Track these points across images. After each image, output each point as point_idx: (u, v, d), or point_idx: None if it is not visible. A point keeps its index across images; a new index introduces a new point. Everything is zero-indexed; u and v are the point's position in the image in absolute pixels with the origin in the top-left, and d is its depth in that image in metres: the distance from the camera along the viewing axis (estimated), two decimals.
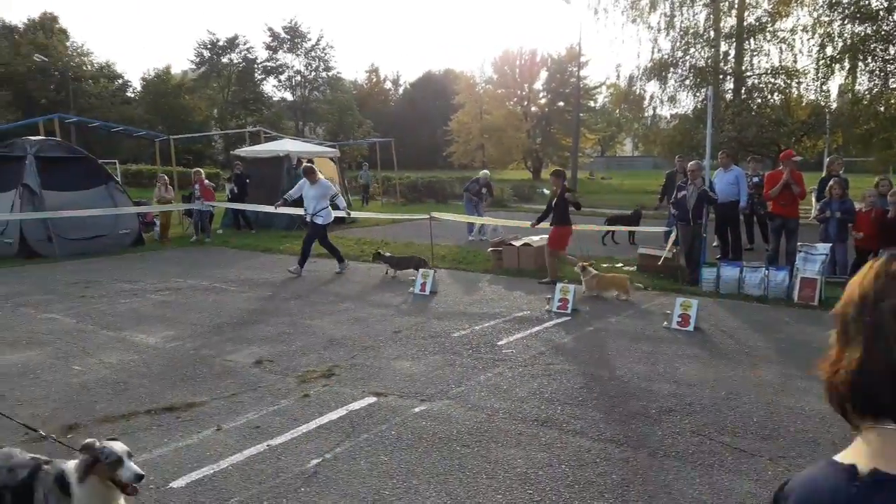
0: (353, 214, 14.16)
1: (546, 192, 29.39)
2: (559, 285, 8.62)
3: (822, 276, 8.87)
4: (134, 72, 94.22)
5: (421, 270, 9.88)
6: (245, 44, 62.38)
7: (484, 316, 8.19)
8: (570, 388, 5.62)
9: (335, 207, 11.54)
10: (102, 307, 8.72)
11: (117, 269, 11.65)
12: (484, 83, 54.62)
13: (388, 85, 75.04)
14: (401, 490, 3.91)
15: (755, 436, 4.64)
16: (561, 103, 51.73)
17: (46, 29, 53.90)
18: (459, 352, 6.67)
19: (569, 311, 8.24)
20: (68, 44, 55.62)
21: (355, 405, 5.24)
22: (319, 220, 11.05)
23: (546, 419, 4.95)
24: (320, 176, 11.30)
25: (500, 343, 6.97)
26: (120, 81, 57.65)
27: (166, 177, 16.55)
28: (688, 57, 23.63)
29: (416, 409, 5.14)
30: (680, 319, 7.58)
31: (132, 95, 57.92)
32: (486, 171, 17.58)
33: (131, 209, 14.64)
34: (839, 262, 10.02)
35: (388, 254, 11.31)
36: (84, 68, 55.04)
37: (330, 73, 66.03)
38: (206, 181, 15.93)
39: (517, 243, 11.40)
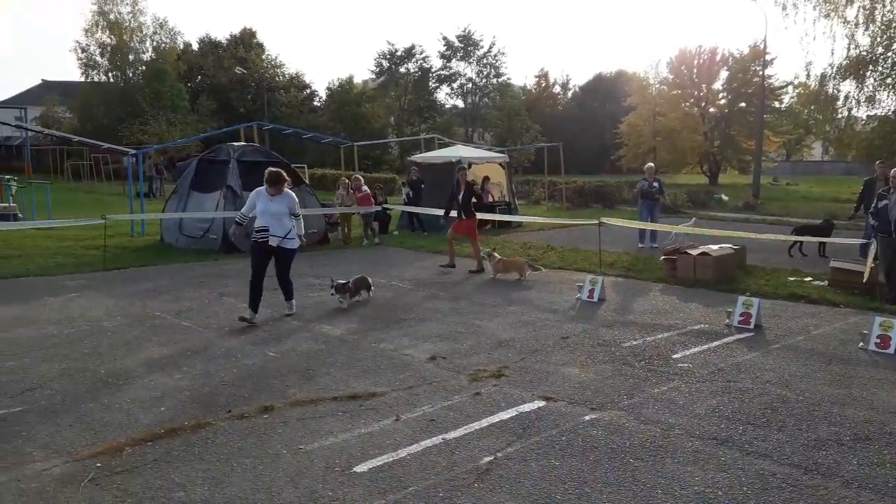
0: (519, 218, 14.12)
1: (725, 198, 27.81)
2: (741, 298, 8.17)
3: None
4: (320, 82, 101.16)
5: (589, 277, 9.77)
6: (421, 53, 64.76)
7: (657, 327, 7.95)
8: (752, 407, 5.33)
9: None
10: (303, 298, 9.47)
11: (305, 265, 12.56)
12: (658, 84, 52.73)
13: (557, 89, 74.49)
14: (573, 496, 3.93)
15: None
16: (742, 104, 48.67)
17: (246, 43, 59.25)
18: (631, 362, 6.54)
19: (751, 326, 7.78)
20: (264, 57, 60.72)
21: (525, 407, 5.31)
22: (292, 245, 8.35)
23: (726, 438, 4.73)
24: (286, 187, 8.32)
25: (675, 356, 6.74)
26: (308, 91, 62.03)
27: (347, 180, 17.60)
28: (890, 53, 21.37)
29: (587, 417, 5.12)
30: (879, 341, 6.91)
31: (318, 104, 62.13)
32: (649, 164, 16.82)
33: (318, 210, 15.74)
34: None
35: (340, 281, 9.21)
36: (277, 79, 59.82)
37: (500, 80, 66.84)
38: (365, 188, 16.66)
39: (694, 252, 10.93)
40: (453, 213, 12.41)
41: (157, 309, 8.73)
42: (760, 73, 38.69)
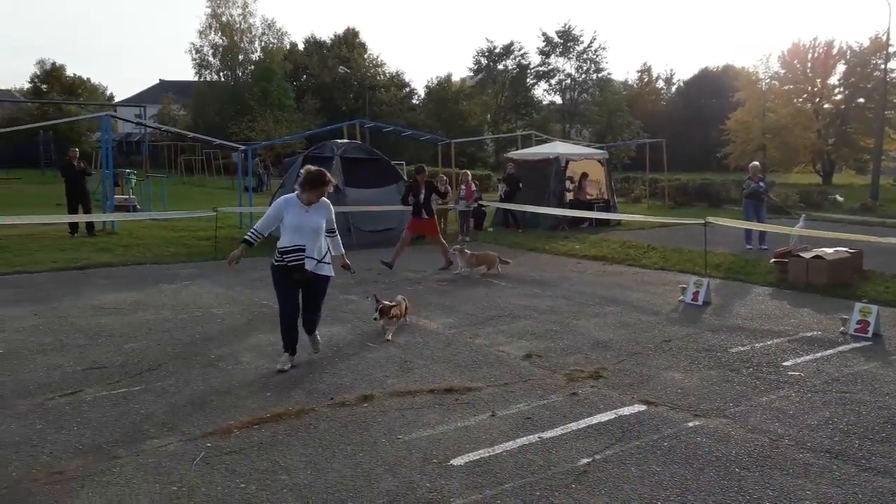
0: (618, 216, 13.70)
1: (840, 199, 26.20)
2: (858, 305, 7.67)
3: None
4: (419, 80, 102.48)
5: (693, 279, 9.43)
6: (519, 50, 64.47)
7: (766, 333, 7.59)
8: (870, 421, 5.00)
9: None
10: (390, 292, 9.63)
11: (403, 259, 12.77)
12: (768, 79, 50.27)
13: (660, 84, 72.44)
14: (674, 503, 3.81)
15: None
16: (861, 100, 45.68)
17: (349, 43, 60.88)
18: (738, 369, 6.27)
19: (869, 334, 7.31)
20: (366, 56, 62.21)
21: (625, 410, 5.20)
22: (328, 271, 6.33)
23: (840, 452, 4.46)
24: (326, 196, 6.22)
25: (785, 364, 6.42)
26: (407, 90, 63.06)
27: (445, 177, 17.74)
28: None
29: (690, 424, 4.95)
30: None
31: (416, 102, 63.01)
32: (755, 162, 16.03)
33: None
34: None
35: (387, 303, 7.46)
36: (378, 78, 61.16)
37: (600, 75, 65.61)
38: (472, 183, 16.74)
39: (807, 255, 10.35)
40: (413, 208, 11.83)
41: (263, 298, 9.10)
42: (882, 66, 36.17)
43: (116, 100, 66.84)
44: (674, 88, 72.70)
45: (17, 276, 10.60)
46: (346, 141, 16.33)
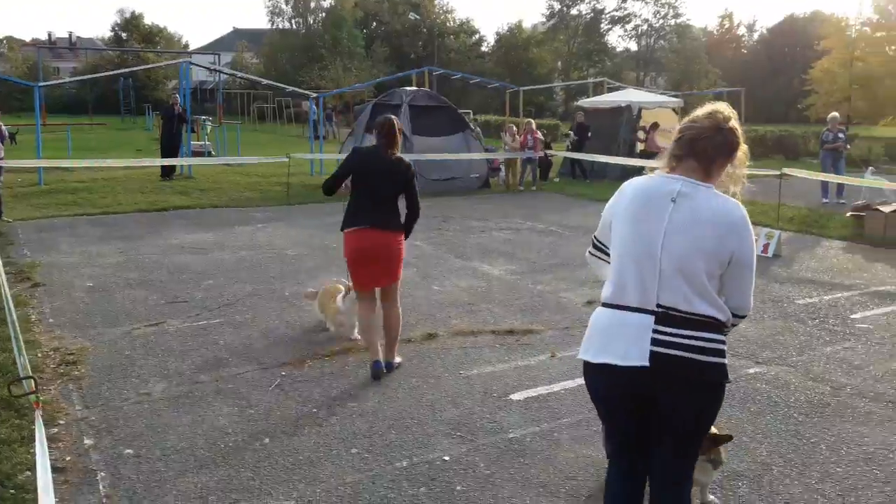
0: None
1: None
2: None
3: None
4: (489, 27, 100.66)
5: (765, 230, 9.23)
6: None
7: (836, 286, 7.43)
8: None
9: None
10: (456, 239, 9.83)
11: (468, 208, 12.91)
12: (859, 25, 47.25)
13: (742, 31, 69.09)
14: (729, 443, 3.88)
15: None
16: None
17: None
18: (804, 320, 6.20)
19: None
20: (436, 2, 61.41)
21: None
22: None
23: None
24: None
25: (853, 316, 6.31)
26: (476, 37, 62.14)
27: (514, 126, 17.65)
28: None
29: (751, 370, 4.98)
30: None
31: (486, 50, 62.09)
32: (833, 113, 15.24)
33: (483, 155, 15.99)
34: None
35: None
36: (447, 25, 60.42)
37: (678, 21, 63.02)
38: (538, 133, 16.55)
39: (886, 209, 9.96)
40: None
41: (333, 241, 9.38)
42: None
43: (191, 48, 68.36)
44: (756, 36, 69.27)
45: (103, 216, 11.23)
46: (414, 89, 16.39)
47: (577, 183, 17.19)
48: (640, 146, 18.10)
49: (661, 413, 2.46)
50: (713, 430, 3.17)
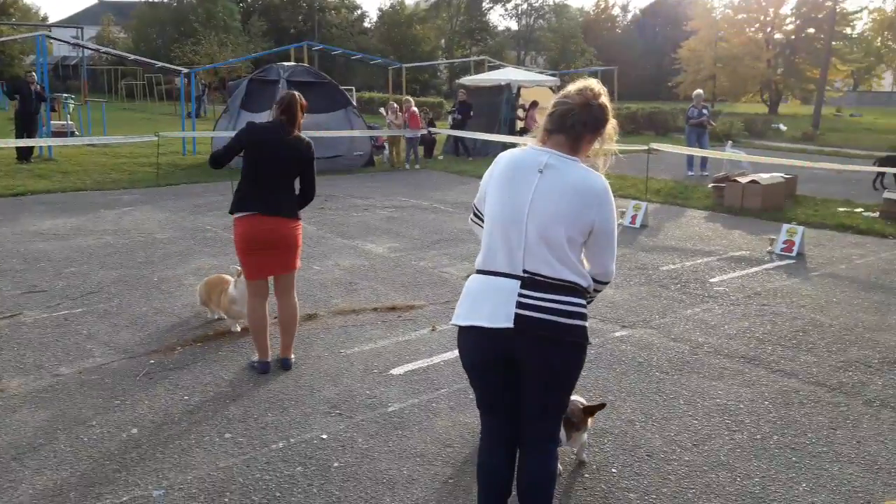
0: None
1: (783, 127, 26.82)
2: (785, 226, 8.05)
3: None
4: (371, 2, 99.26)
5: (633, 202, 9.70)
6: None
7: (697, 252, 7.94)
8: (784, 330, 5.37)
9: None
10: (338, 218, 9.70)
11: (351, 186, 12.76)
12: (723, 7, 50.29)
13: (617, 11, 71.85)
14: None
15: None
16: (811, 30, 46.13)
17: None
18: (667, 285, 6.59)
19: (794, 254, 7.71)
20: None
21: None
22: None
23: (753, 357, 4.81)
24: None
25: (711, 280, 6.77)
26: (358, 13, 61.17)
27: (396, 104, 17.54)
28: None
29: (617, 334, 5.25)
30: None
31: (368, 26, 61.27)
32: (698, 91, 16.18)
33: (366, 133, 15.81)
34: None
35: None
36: (328, 0, 59.02)
37: (557, 0, 64.70)
38: (415, 109, 16.56)
39: (743, 180, 10.71)
40: None
41: (207, 224, 9.05)
42: None
43: (51, 21, 63.27)
44: (629, 16, 72.24)
45: None
46: (292, 64, 15.92)
47: (461, 160, 17.35)
48: (519, 124, 18.54)
49: (525, 374, 2.57)
50: (583, 401, 3.33)
